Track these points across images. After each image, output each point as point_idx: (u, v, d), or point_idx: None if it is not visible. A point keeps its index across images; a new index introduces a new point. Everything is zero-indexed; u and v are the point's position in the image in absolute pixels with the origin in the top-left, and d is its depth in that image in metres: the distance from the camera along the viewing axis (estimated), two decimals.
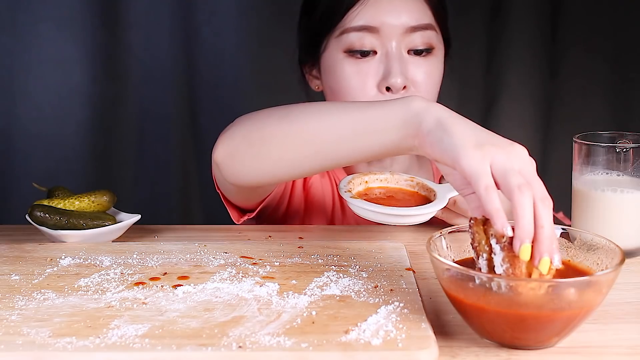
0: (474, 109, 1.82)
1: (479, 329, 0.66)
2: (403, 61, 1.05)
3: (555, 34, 1.78)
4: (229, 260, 0.85)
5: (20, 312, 0.70)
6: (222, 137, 0.88)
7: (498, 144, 0.67)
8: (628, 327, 0.70)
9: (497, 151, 0.66)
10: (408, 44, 1.05)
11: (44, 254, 0.88)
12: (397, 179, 0.93)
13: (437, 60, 1.09)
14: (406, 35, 1.05)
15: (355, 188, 0.91)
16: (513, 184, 0.63)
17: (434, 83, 1.08)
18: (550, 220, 0.64)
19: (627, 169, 0.89)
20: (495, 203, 0.63)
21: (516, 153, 0.67)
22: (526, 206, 0.63)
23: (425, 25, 1.06)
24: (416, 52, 1.06)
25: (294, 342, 0.62)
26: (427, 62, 1.07)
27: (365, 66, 1.05)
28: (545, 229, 0.63)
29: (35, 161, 1.69)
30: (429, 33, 1.06)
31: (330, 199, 1.18)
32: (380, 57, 1.05)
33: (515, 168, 0.65)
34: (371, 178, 0.93)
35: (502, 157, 0.66)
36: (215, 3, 1.69)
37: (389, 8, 1.04)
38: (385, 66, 1.04)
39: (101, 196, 0.99)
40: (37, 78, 1.67)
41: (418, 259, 0.89)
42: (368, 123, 0.76)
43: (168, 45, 1.69)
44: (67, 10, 1.64)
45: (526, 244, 0.62)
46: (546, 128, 1.85)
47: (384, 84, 1.04)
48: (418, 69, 1.06)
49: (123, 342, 0.63)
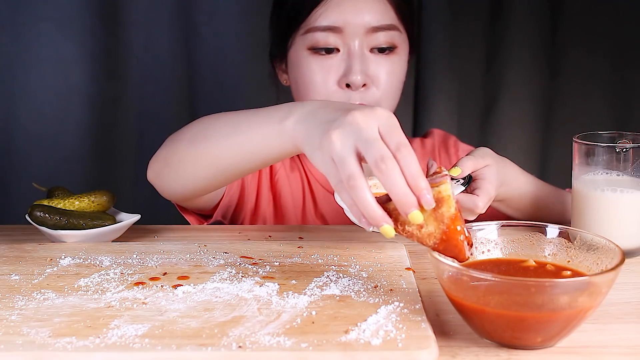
0: (474, 109, 1.82)
1: (479, 329, 0.66)
2: (364, 59, 1.08)
3: (555, 34, 1.78)
4: (229, 260, 0.85)
5: (20, 312, 0.70)
6: (151, 160, 0.96)
7: (352, 121, 0.68)
8: (628, 327, 0.70)
9: (349, 131, 0.67)
10: (370, 42, 1.09)
11: (44, 254, 0.88)
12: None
13: (399, 59, 1.12)
14: (369, 35, 1.08)
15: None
16: (371, 161, 0.65)
17: (395, 81, 1.12)
18: (414, 172, 0.64)
19: (627, 169, 0.89)
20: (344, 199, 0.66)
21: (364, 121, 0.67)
22: (391, 179, 0.64)
23: (388, 26, 1.09)
24: (379, 50, 1.10)
25: (293, 342, 0.62)
26: (389, 60, 1.10)
27: (327, 63, 1.09)
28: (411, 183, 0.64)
29: (35, 161, 1.69)
30: (392, 33, 1.09)
31: (300, 194, 1.20)
32: (343, 55, 1.09)
33: (370, 139, 0.66)
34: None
35: (354, 135, 0.66)
36: (215, 3, 1.69)
37: (352, 9, 1.07)
38: (347, 64, 1.08)
39: (101, 196, 0.99)
40: (37, 78, 1.67)
41: (418, 259, 0.89)
42: (259, 140, 0.80)
43: (168, 45, 1.69)
44: (67, 10, 1.64)
45: (411, 214, 0.64)
46: (546, 128, 1.85)
47: (344, 80, 1.08)
48: (379, 67, 1.09)
49: (123, 342, 0.63)
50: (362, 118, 0.68)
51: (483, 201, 0.91)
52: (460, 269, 0.63)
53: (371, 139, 0.66)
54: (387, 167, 0.64)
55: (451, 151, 1.28)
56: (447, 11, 1.71)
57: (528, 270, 0.71)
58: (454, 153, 1.27)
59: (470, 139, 1.74)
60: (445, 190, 0.67)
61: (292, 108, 0.78)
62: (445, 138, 1.30)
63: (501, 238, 0.75)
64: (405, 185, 0.65)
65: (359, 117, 0.68)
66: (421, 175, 0.65)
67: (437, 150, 1.29)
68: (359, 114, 0.68)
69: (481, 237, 0.74)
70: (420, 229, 0.67)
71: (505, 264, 0.73)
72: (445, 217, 0.66)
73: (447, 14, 1.71)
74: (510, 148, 1.83)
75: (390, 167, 0.64)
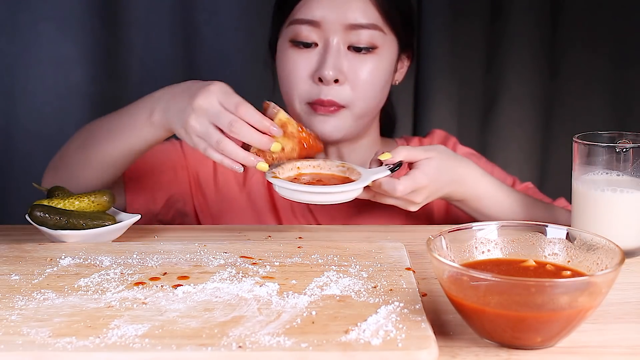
0: (474, 109, 1.81)
1: (479, 329, 0.66)
2: (339, 55, 1.08)
3: (555, 34, 1.78)
4: (229, 260, 0.85)
5: (20, 312, 0.70)
6: (45, 171, 1.15)
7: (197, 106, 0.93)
8: (628, 327, 0.70)
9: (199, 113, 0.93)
10: (348, 40, 1.08)
11: (44, 254, 0.88)
12: (330, 165, 1.01)
13: (379, 60, 1.10)
14: (347, 32, 1.08)
15: (286, 173, 0.97)
16: (225, 127, 0.91)
17: (372, 81, 1.10)
18: (256, 119, 0.91)
19: (627, 169, 0.89)
20: (216, 158, 0.93)
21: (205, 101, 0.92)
22: (244, 133, 0.91)
23: (367, 25, 1.08)
24: (356, 49, 1.09)
25: (294, 342, 0.62)
26: (366, 59, 1.09)
27: (304, 56, 1.10)
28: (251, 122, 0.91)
29: (35, 161, 1.69)
30: (371, 32, 1.09)
31: (241, 189, 1.23)
32: (319, 50, 1.09)
33: (216, 113, 0.91)
34: (303, 164, 1.00)
35: (204, 115, 0.92)
36: (215, 3, 1.69)
37: (332, 4, 1.08)
38: (321, 58, 1.08)
39: (101, 196, 0.99)
40: (37, 78, 1.66)
41: (418, 259, 0.89)
42: (136, 138, 1.03)
43: (168, 45, 1.69)
44: (67, 10, 1.63)
45: (273, 146, 0.92)
46: (546, 128, 1.84)
47: (317, 74, 1.08)
48: (355, 65, 1.09)
49: (123, 342, 0.63)
50: (203, 100, 0.92)
51: (403, 185, 0.97)
52: (461, 269, 0.63)
53: (217, 113, 0.91)
54: (237, 127, 0.90)
55: None
56: (447, 11, 1.70)
57: (528, 270, 0.71)
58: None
59: (470, 139, 1.74)
60: (283, 116, 0.94)
61: (152, 105, 1.00)
62: (445, 139, 1.30)
63: (501, 238, 0.75)
64: (256, 132, 0.91)
65: (200, 101, 0.92)
66: (262, 118, 0.92)
67: None
68: (199, 98, 0.92)
69: (481, 237, 0.74)
70: (284, 151, 0.93)
71: (505, 264, 0.72)
72: (295, 133, 0.94)
73: (447, 14, 1.70)
74: (510, 148, 1.83)
75: (239, 126, 0.90)
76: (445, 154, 1.03)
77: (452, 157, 1.04)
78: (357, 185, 0.94)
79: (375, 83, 1.11)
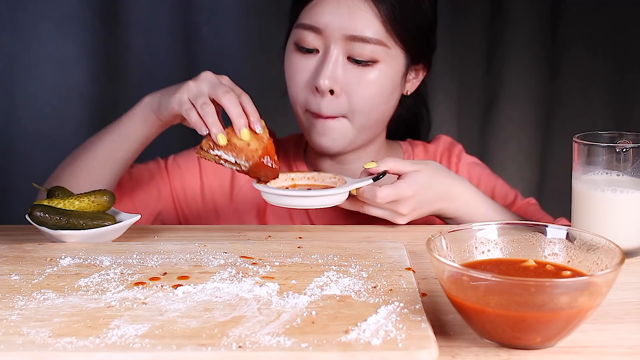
0: (474, 109, 1.82)
1: (479, 329, 0.66)
2: (337, 65, 1.07)
3: (555, 34, 1.78)
4: (229, 260, 0.85)
5: (20, 312, 0.70)
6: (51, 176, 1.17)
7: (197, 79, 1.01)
8: (628, 327, 0.70)
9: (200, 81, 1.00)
10: (348, 51, 1.07)
11: (44, 254, 0.88)
12: (323, 177, 1.04)
13: (380, 74, 1.08)
14: (349, 42, 1.06)
15: (279, 183, 1.00)
16: (220, 94, 0.96)
17: (370, 94, 1.08)
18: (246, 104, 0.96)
19: (627, 169, 0.89)
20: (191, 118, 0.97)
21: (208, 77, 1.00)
22: (233, 103, 0.95)
23: (369, 39, 1.06)
24: (355, 61, 1.07)
25: (293, 342, 0.62)
26: (366, 72, 1.07)
27: (304, 62, 1.09)
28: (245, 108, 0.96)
29: (35, 161, 1.69)
30: (372, 47, 1.06)
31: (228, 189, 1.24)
32: (319, 57, 1.08)
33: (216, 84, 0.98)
34: (298, 176, 1.03)
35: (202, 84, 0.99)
36: (215, 3, 1.69)
37: (334, 12, 1.06)
38: (319, 66, 1.07)
39: (101, 196, 0.99)
40: (37, 78, 1.67)
41: (418, 259, 0.89)
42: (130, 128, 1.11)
43: (168, 45, 1.69)
44: (67, 10, 1.64)
45: (244, 130, 0.94)
46: (546, 128, 1.85)
47: (313, 83, 1.07)
48: (353, 77, 1.07)
49: (123, 342, 0.63)
50: (204, 75, 1.01)
51: (384, 192, 0.97)
52: (461, 269, 0.63)
53: (215, 83, 0.98)
54: (228, 97, 0.96)
55: (453, 160, 1.25)
56: (447, 11, 1.71)
57: (528, 270, 0.71)
58: (456, 163, 1.24)
59: (471, 139, 1.75)
60: (264, 127, 0.97)
61: (144, 100, 1.08)
62: (451, 146, 1.27)
63: (501, 238, 0.75)
64: (240, 108, 0.96)
65: (202, 75, 1.01)
66: (254, 106, 0.97)
67: (440, 158, 1.25)
68: (200, 76, 1.01)
69: (481, 237, 0.74)
70: (248, 146, 0.95)
71: (505, 264, 0.72)
72: (265, 139, 0.96)
73: (447, 14, 1.71)
74: (510, 148, 1.83)
75: (230, 97, 0.96)
76: (435, 169, 1.02)
77: (443, 173, 1.03)
78: (337, 190, 0.96)
79: (372, 96, 1.08)
